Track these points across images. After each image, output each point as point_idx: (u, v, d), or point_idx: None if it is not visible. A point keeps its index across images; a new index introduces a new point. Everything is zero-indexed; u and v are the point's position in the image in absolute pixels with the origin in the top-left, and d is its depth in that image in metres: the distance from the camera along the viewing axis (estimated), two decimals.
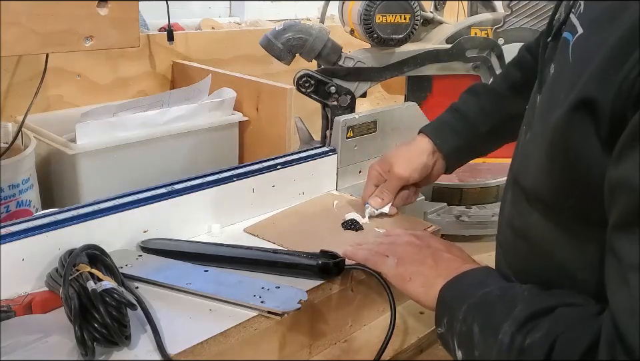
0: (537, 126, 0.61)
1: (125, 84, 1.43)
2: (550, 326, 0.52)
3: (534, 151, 0.60)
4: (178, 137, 1.17)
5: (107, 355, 0.64)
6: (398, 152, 0.97)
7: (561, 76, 0.58)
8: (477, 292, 0.62)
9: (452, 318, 0.63)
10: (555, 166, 0.55)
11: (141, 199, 0.85)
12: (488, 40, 1.16)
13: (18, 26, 0.68)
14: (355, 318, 0.86)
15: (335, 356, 0.82)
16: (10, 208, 0.98)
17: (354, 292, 0.84)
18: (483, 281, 0.64)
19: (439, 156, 0.96)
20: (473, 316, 0.60)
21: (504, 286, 0.62)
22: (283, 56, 1.09)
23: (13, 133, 1.06)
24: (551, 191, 0.58)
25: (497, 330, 0.55)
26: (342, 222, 0.95)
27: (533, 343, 0.52)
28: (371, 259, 0.78)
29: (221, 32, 1.72)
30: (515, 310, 0.55)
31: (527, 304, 0.56)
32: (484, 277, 0.65)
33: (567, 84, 0.54)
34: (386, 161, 0.97)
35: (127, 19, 0.77)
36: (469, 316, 0.60)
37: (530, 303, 0.56)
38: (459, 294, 0.64)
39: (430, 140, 0.95)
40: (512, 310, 0.55)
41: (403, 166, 0.94)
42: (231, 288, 0.75)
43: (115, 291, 0.66)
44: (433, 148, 0.95)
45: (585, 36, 0.56)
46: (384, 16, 1.08)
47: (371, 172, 0.98)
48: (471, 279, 0.66)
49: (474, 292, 0.62)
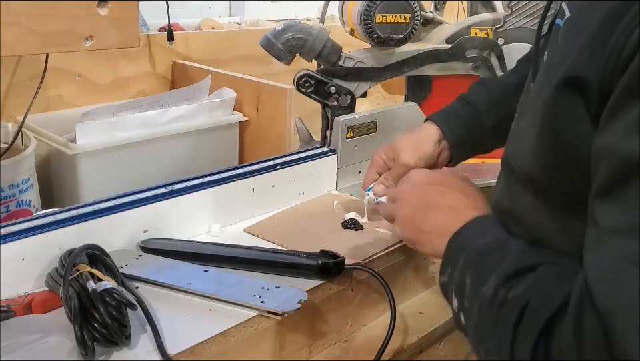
0: (530, 111, 0.62)
1: (125, 84, 1.43)
2: (529, 284, 0.53)
3: (526, 134, 0.60)
4: (178, 137, 1.17)
5: (107, 355, 0.64)
6: (404, 139, 0.95)
7: (552, 60, 0.59)
8: (476, 242, 0.62)
9: (453, 268, 0.63)
10: (546, 146, 0.56)
11: (140, 199, 0.85)
12: (488, 40, 1.16)
13: (18, 26, 0.68)
14: (354, 318, 0.86)
15: (335, 356, 0.82)
16: (10, 208, 0.98)
17: (354, 292, 0.84)
18: (484, 230, 0.64)
19: (444, 146, 0.94)
20: (468, 267, 0.61)
21: (500, 238, 0.62)
22: (283, 56, 1.09)
23: (13, 133, 1.06)
24: (542, 172, 0.58)
25: (484, 283, 0.56)
26: (342, 221, 0.95)
27: (512, 297, 0.53)
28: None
29: (221, 32, 1.71)
30: (503, 265, 0.56)
31: (514, 260, 0.56)
32: (485, 226, 0.65)
33: (556, 66, 0.55)
34: (391, 148, 0.94)
35: (127, 19, 0.77)
36: (465, 267, 0.61)
37: (516, 259, 0.56)
38: (460, 244, 0.64)
39: (438, 128, 0.93)
40: (500, 264, 0.56)
41: (409, 154, 0.92)
42: (231, 288, 0.75)
43: (115, 291, 0.66)
44: (440, 137, 0.93)
45: (572, 19, 0.57)
46: (384, 16, 1.08)
47: (375, 158, 0.96)
48: (473, 229, 0.65)
49: (474, 241, 0.63)
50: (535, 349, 0.49)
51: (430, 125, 0.94)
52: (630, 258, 0.43)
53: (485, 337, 0.56)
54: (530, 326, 0.50)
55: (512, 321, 0.51)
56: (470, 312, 0.58)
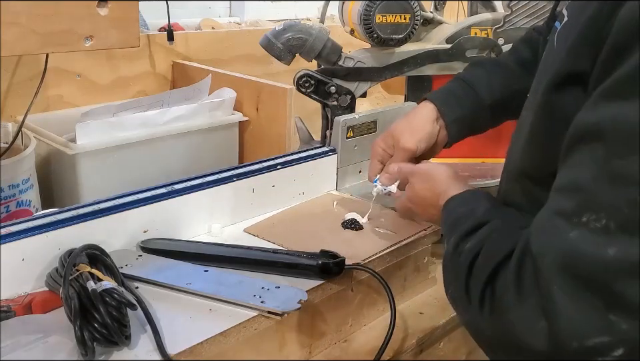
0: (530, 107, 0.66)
1: (125, 84, 1.43)
2: (482, 235, 0.61)
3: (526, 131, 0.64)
4: (178, 137, 1.17)
5: (106, 355, 0.64)
6: (400, 124, 0.93)
7: (548, 59, 0.62)
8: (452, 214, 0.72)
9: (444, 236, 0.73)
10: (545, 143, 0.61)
11: (140, 199, 0.85)
12: (488, 40, 1.16)
13: (18, 26, 0.68)
14: (354, 318, 0.86)
15: (335, 356, 0.82)
16: (10, 208, 0.98)
17: (354, 292, 0.84)
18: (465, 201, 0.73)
19: (442, 124, 0.93)
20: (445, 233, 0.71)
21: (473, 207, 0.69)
22: (283, 56, 1.09)
23: (13, 133, 1.06)
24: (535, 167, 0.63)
25: (449, 241, 0.66)
26: (342, 221, 0.95)
27: (466, 249, 0.61)
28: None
29: (221, 32, 1.71)
30: (465, 224, 0.65)
31: (472, 220, 0.65)
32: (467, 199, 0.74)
33: (550, 66, 0.59)
34: (390, 135, 0.93)
35: (127, 19, 0.77)
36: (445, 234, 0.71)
37: (474, 219, 0.65)
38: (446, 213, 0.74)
39: (435, 107, 0.92)
40: (462, 224, 0.65)
41: (408, 138, 0.91)
42: (231, 288, 0.75)
43: (115, 291, 0.66)
44: (437, 115, 0.92)
45: (568, 23, 0.60)
46: (384, 16, 1.08)
47: (375, 148, 0.95)
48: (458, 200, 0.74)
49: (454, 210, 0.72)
50: (484, 291, 0.56)
51: (427, 105, 0.94)
52: (559, 212, 0.50)
53: (448, 286, 0.65)
54: (480, 272, 0.57)
55: (464, 269, 0.59)
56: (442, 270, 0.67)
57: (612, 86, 0.48)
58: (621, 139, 0.47)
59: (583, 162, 0.50)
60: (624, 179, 0.46)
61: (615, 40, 0.50)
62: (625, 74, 0.47)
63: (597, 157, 0.48)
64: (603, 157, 0.48)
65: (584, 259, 0.47)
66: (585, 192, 0.48)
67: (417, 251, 0.94)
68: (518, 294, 0.52)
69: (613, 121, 0.47)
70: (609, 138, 0.47)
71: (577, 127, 0.51)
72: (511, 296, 0.52)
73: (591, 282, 0.46)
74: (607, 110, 0.48)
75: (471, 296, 0.58)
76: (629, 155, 0.46)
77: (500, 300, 0.54)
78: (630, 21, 0.48)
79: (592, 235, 0.47)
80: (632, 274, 0.45)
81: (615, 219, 0.46)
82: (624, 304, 0.45)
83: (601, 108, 0.49)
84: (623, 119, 0.46)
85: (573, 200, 0.49)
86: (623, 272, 0.45)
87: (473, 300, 0.57)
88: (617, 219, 0.46)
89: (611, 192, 0.46)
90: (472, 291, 0.58)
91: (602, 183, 0.47)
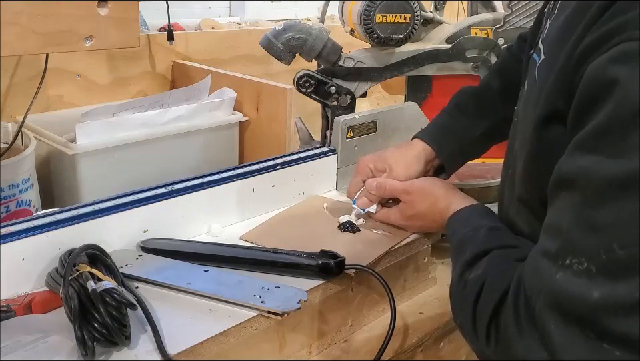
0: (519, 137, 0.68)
1: (125, 84, 1.43)
2: (483, 268, 0.65)
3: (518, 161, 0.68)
4: (178, 137, 1.17)
5: (107, 355, 0.64)
6: (396, 154, 0.95)
7: (531, 95, 0.65)
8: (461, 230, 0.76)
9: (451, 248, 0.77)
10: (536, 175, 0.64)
11: (140, 199, 0.85)
12: (488, 40, 1.16)
13: (18, 26, 0.68)
14: (355, 318, 0.86)
15: (335, 356, 0.82)
16: (10, 208, 0.98)
17: (354, 292, 0.84)
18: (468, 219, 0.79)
19: (435, 163, 0.95)
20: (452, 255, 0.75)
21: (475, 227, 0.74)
22: (283, 56, 1.09)
23: (13, 133, 1.06)
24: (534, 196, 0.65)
25: (455, 268, 0.71)
26: (338, 224, 0.95)
27: (470, 280, 0.66)
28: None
29: (221, 32, 1.71)
30: (468, 252, 0.69)
31: (472, 248, 0.69)
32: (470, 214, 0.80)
33: (534, 103, 0.62)
34: (383, 160, 0.94)
35: (127, 19, 0.77)
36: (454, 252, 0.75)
37: (474, 247, 0.69)
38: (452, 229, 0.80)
39: (428, 147, 0.94)
40: (465, 252, 0.70)
41: (402, 171, 0.92)
42: (231, 288, 0.75)
43: (114, 291, 0.66)
44: (430, 156, 0.94)
45: (545, 61, 0.64)
46: (384, 16, 1.08)
47: (362, 167, 0.96)
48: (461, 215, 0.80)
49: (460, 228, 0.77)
50: (489, 326, 0.60)
51: (419, 143, 0.95)
52: (545, 253, 0.54)
53: (456, 314, 0.69)
54: (483, 308, 0.61)
55: (471, 303, 0.63)
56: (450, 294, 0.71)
57: (584, 138, 0.52)
58: (593, 190, 0.49)
59: (564, 208, 0.53)
60: (598, 228, 0.48)
61: (584, 95, 0.53)
62: (594, 129, 0.50)
63: (574, 205, 0.51)
64: (579, 205, 0.51)
65: (571, 300, 0.49)
66: (566, 236, 0.51)
67: (417, 251, 0.94)
68: (518, 330, 0.55)
69: (585, 173, 0.50)
70: (582, 188, 0.51)
71: (558, 173, 0.55)
72: (512, 331, 0.56)
73: (580, 320, 0.49)
74: (581, 161, 0.51)
75: (478, 330, 0.62)
76: (601, 205, 0.48)
77: (504, 335, 0.58)
78: (597, 78, 0.51)
79: (576, 277, 0.49)
80: (617, 312, 0.47)
81: (595, 264, 0.48)
82: (614, 336, 0.47)
83: (576, 158, 0.52)
84: (595, 172, 0.49)
85: (557, 243, 0.52)
86: (608, 312, 0.47)
87: (479, 334, 0.62)
88: (596, 264, 0.48)
89: (588, 238, 0.49)
90: (478, 326, 0.62)
91: (580, 230, 0.50)
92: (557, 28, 0.63)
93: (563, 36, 0.59)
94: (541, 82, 0.63)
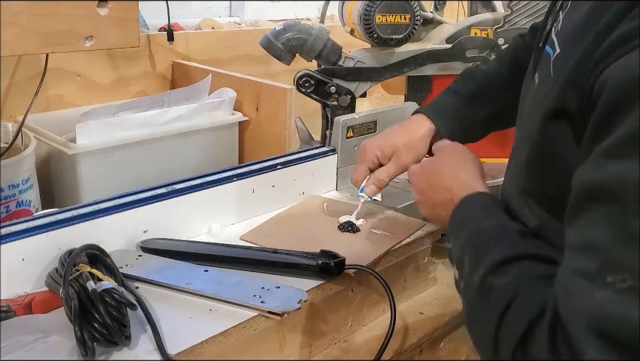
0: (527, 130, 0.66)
1: (125, 84, 1.43)
2: (515, 276, 0.58)
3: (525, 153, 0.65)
4: (178, 137, 1.17)
5: (107, 355, 0.64)
6: (402, 139, 0.92)
7: (544, 88, 0.63)
8: (477, 222, 0.68)
9: (455, 239, 0.69)
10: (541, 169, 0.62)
11: (141, 199, 0.85)
12: (488, 40, 1.16)
13: (18, 26, 0.68)
14: (355, 318, 0.86)
15: (334, 356, 0.82)
16: (10, 208, 0.98)
17: (354, 292, 0.84)
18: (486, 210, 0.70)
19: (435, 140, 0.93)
20: (467, 247, 0.66)
21: (498, 224, 0.67)
22: (283, 56, 1.09)
23: (13, 133, 1.06)
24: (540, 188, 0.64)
25: (476, 268, 0.61)
26: (338, 224, 0.95)
27: (497, 286, 0.58)
28: None
29: (221, 32, 1.71)
30: (494, 253, 0.61)
31: (502, 249, 0.61)
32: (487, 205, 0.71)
33: (546, 97, 0.60)
34: (390, 146, 0.92)
35: (127, 19, 0.77)
36: (465, 245, 0.67)
37: (504, 248, 0.62)
38: (463, 217, 0.71)
39: (431, 123, 0.92)
40: (492, 252, 0.61)
41: (410, 157, 0.91)
42: (231, 288, 0.75)
43: (114, 291, 0.66)
44: (433, 132, 0.92)
45: (560, 55, 0.62)
46: (384, 16, 1.08)
47: (368, 154, 0.93)
48: (476, 205, 0.71)
49: (475, 220, 0.69)
50: (514, 351, 0.54)
51: (425, 122, 0.93)
52: (580, 272, 0.49)
53: (471, 320, 0.62)
54: (510, 330, 0.55)
55: (495, 318, 0.56)
56: (464, 293, 0.64)
57: (615, 145, 0.48)
58: (632, 199, 0.46)
59: (596, 222, 0.49)
60: None
61: (612, 99, 0.50)
62: (626, 134, 0.47)
63: (610, 216, 0.48)
64: (616, 216, 0.47)
65: (612, 321, 0.46)
66: (605, 253, 0.48)
67: (417, 251, 0.94)
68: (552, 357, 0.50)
69: (622, 181, 0.47)
70: (620, 198, 0.47)
71: (584, 185, 0.50)
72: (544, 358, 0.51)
73: (619, 343, 0.45)
74: (613, 169, 0.48)
75: (500, 352, 0.56)
76: None
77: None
78: (625, 80, 0.49)
79: (618, 296, 0.46)
80: None
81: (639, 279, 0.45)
82: None
83: (608, 167, 0.48)
84: (632, 178, 0.46)
85: (594, 261, 0.48)
86: None
87: (502, 354, 0.56)
88: None
89: (631, 252, 0.46)
90: (501, 348, 0.56)
91: (620, 244, 0.47)
92: (573, 23, 0.61)
93: (580, 31, 0.57)
94: (556, 76, 0.60)
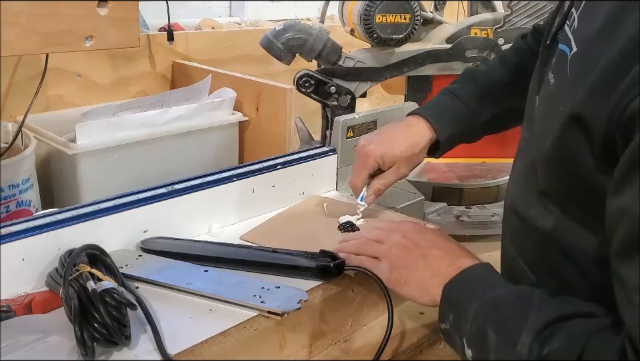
0: (539, 130, 0.65)
1: (125, 84, 1.43)
2: (569, 336, 0.53)
3: (537, 153, 0.63)
4: (178, 137, 1.17)
5: (107, 355, 0.64)
6: (402, 148, 0.91)
7: (561, 89, 0.61)
8: (486, 293, 0.63)
9: (459, 316, 0.63)
10: (556, 171, 0.60)
11: (140, 199, 0.85)
12: (488, 40, 1.16)
13: (18, 26, 0.68)
14: (355, 318, 0.86)
15: (335, 356, 0.82)
16: (10, 208, 0.98)
17: (354, 292, 0.84)
18: (489, 281, 0.65)
19: (433, 143, 0.93)
20: (485, 318, 0.60)
21: (514, 289, 0.63)
22: (283, 56, 1.09)
23: (13, 133, 1.06)
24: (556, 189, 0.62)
25: (514, 338, 0.56)
26: (338, 225, 0.94)
27: (551, 352, 0.53)
28: (364, 264, 0.78)
29: (221, 32, 1.71)
30: (529, 319, 0.56)
31: (540, 312, 0.57)
32: (488, 276, 0.66)
33: (564, 98, 0.58)
34: (390, 156, 0.91)
35: (127, 19, 0.77)
36: (479, 317, 0.61)
37: (542, 312, 0.57)
38: (465, 292, 0.65)
39: (430, 127, 0.92)
40: (526, 318, 0.56)
41: (407, 167, 0.92)
42: (231, 288, 0.75)
43: (114, 291, 0.66)
44: (432, 135, 0.92)
45: (580, 54, 0.59)
46: (384, 16, 1.08)
47: (371, 161, 0.91)
48: (475, 278, 0.66)
49: (482, 292, 0.63)
50: None
51: (424, 129, 0.92)
52: None
53: None
54: None
55: None
56: None
57: None
58: None
59: None
60: None
61: None
62: None
63: None
64: None
65: None
66: None
67: None
68: None
69: None
70: None
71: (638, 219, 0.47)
72: None
73: None
74: None
75: None
76: None
77: None
78: None
79: None
80: None
81: None
82: None
83: None
84: None
85: None
86: None
87: None
88: None
89: None
90: None
91: None
92: (593, 23, 0.57)
93: (603, 32, 0.55)
94: (573, 76, 0.58)
